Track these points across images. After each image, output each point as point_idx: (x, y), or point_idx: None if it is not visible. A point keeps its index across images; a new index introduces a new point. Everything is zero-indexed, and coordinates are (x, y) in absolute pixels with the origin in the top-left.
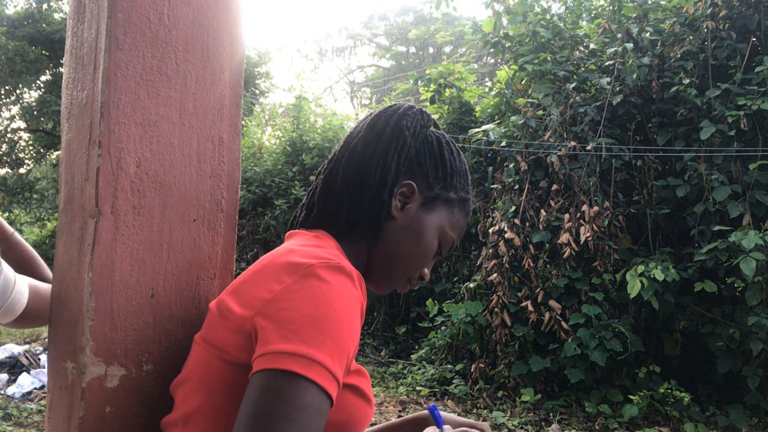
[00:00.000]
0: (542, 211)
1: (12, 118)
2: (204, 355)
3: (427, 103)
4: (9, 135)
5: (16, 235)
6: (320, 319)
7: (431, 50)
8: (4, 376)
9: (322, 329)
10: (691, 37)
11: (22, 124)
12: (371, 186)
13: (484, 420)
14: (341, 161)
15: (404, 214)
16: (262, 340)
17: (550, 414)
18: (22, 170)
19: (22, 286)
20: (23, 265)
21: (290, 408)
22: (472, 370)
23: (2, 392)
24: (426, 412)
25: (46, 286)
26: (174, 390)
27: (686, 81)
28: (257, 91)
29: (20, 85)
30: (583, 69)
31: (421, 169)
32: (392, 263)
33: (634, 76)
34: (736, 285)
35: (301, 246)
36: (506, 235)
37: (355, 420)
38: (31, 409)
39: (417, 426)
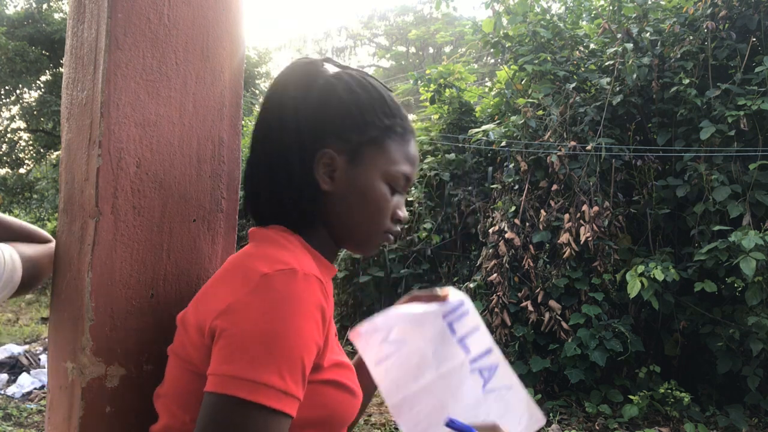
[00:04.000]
0: (542, 211)
1: (12, 118)
2: (175, 368)
3: (427, 104)
4: (9, 135)
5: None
6: (269, 335)
7: (431, 50)
8: (4, 376)
9: (270, 347)
10: (691, 37)
11: (22, 124)
12: (289, 178)
13: None
14: (257, 166)
15: (336, 184)
16: (214, 356)
17: (550, 414)
18: (22, 170)
19: (13, 261)
20: (15, 235)
21: None
22: None
23: (2, 392)
24: None
25: (41, 248)
26: (155, 400)
27: (686, 81)
28: (257, 91)
29: (20, 85)
30: (583, 69)
31: (330, 126)
32: (354, 231)
33: (634, 76)
34: (736, 285)
35: (260, 249)
36: (506, 235)
37: (339, 414)
38: (31, 409)
39: None
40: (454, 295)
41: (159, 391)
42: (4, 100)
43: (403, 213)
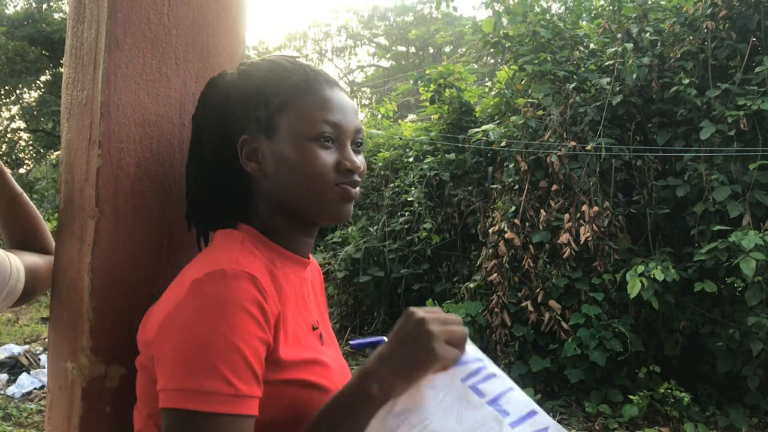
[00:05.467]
0: (542, 211)
1: (12, 118)
2: (141, 379)
3: (427, 103)
4: (9, 135)
5: (24, 196)
6: (202, 341)
7: (431, 50)
8: (4, 376)
9: (206, 352)
10: (691, 37)
11: (22, 124)
12: (223, 179)
13: None
14: (195, 178)
15: (264, 165)
16: (158, 372)
17: (550, 414)
18: (21, 170)
19: (18, 271)
20: (27, 232)
21: None
22: None
23: (2, 392)
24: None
25: (42, 262)
26: (134, 412)
27: (686, 81)
28: None
29: (20, 85)
30: (583, 69)
31: (238, 115)
32: (300, 201)
33: (634, 76)
34: (736, 285)
35: (200, 256)
36: (506, 235)
37: (311, 414)
38: (31, 409)
39: None
40: (471, 349)
41: (137, 404)
42: (4, 100)
43: (352, 162)
